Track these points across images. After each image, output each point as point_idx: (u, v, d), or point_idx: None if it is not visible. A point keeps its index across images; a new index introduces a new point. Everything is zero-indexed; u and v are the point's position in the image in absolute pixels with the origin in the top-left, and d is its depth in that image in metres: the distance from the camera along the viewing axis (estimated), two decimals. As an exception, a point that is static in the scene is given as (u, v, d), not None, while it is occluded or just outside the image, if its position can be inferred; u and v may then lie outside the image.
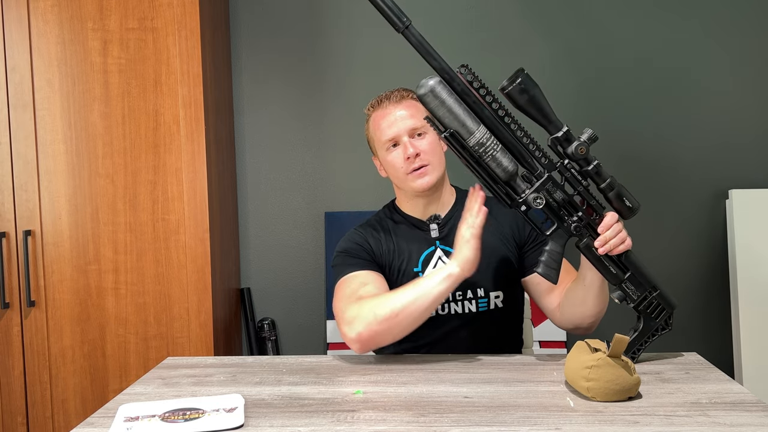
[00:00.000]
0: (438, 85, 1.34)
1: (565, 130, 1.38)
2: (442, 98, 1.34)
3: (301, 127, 2.48)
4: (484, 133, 1.36)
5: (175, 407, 1.23)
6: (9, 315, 2.11)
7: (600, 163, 1.40)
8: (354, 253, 1.64)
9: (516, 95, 1.34)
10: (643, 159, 2.43)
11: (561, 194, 1.41)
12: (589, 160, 1.39)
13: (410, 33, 1.34)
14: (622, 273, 1.45)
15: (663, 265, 2.43)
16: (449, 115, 1.35)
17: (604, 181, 1.41)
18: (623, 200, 1.42)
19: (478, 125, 1.36)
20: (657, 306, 1.47)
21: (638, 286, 1.46)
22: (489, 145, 1.36)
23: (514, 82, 1.33)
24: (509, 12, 2.43)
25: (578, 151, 1.37)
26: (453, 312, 1.63)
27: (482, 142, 1.35)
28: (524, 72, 1.34)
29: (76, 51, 2.08)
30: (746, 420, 1.13)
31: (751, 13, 2.40)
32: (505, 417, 1.16)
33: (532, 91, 1.34)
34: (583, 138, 1.38)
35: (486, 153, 1.36)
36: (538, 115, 1.37)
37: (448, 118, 1.35)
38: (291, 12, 2.46)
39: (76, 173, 2.10)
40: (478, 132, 1.35)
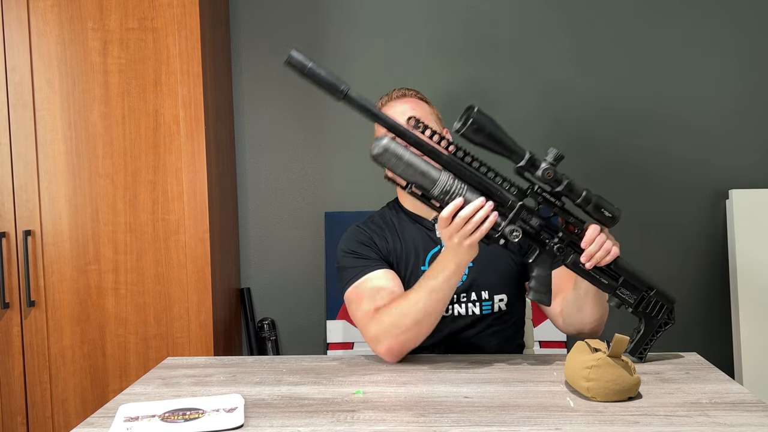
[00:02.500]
0: (391, 143, 1.30)
1: (528, 157, 1.34)
2: (398, 154, 1.30)
3: (301, 127, 2.48)
4: (448, 178, 1.32)
5: (175, 407, 1.23)
6: (9, 315, 2.11)
7: (571, 180, 1.37)
8: (362, 254, 1.62)
9: (471, 135, 1.31)
10: (643, 159, 2.43)
11: (537, 220, 1.39)
12: (559, 180, 1.36)
13: (351, 98, 1.27)
14: (615, 281, 1.45)
15: (663, 265, 2.43)
16: (409, 170, 1.31)
17: (578, 196, 1.38)
18: (602, 211, 1.39)
19: (440, 172, 1.32)
20: (656, 304, 1.47)
21: (633, 290, 1.45)
22: (454, 190, 1.32)
23: (467, 123, 1.30)
24: (509, 12, 2.43)
25: (546, 176, 1.35)
26: (457, 314, 1.63)
27: (447, 189, 1.32)
28: (475, 110, 1.30)
29: (76, 51, 2.08)
30: (746, 420, 1.13)
31: (752, 14, 2.40)
32: (505, 417, 1.16)
33: (487, 128, 1.31)
34: (549, 159, 1.36)
35: (453, 198, 1.33)
36: (498, 148, 1.33)
37: (409, 172, 1.31)
38: (291, 12, 2.46)
39: (76, 173, 2.10)
40: (441, 179, 1.32)
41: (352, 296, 1.59)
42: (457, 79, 2.42)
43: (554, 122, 2.43)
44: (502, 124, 1.34)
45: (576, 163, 2.44)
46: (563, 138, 2.43)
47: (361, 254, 1.62)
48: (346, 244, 1.66)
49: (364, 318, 1.54)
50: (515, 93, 2.43)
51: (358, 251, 1.63)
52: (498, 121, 1.34)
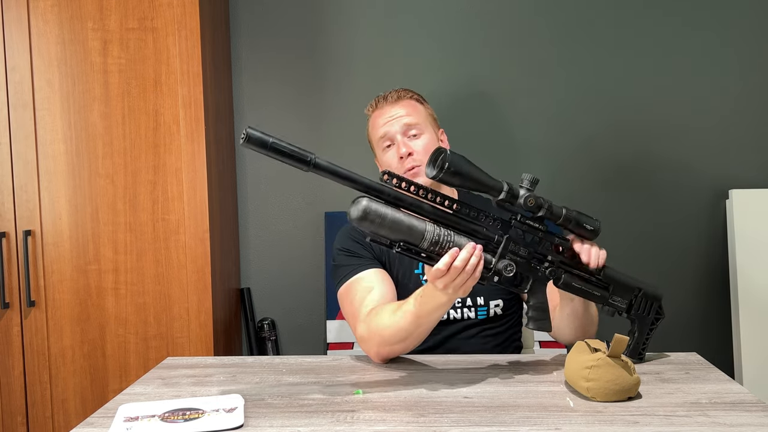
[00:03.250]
0: (370, 204, 1.24)
1: (506, 189, 1.33)
2: (380, 214, 1.23)
3: (301, 127, 2.48)
4: (433, 229, 1.27)
5: (175, 407, 1.23)
6: (9, 315, 2.11)
7: (551, 202, 1.36)
8: (355, 252, 1.63)
9: (449, 179, 1.28)
10: (643, 159, 2.43)
11: (525, 249, 1.37)
12: (540, 206, 1.35)
13: (319, 164, 1.21)
14: (606, 290, 1.45)
15: (663, 266, 2.43)
16: (394, 229, 1.24)
17: (559, 217, 1.38)
18: (584, 226, 1.40)
19: (425, 223, 1.27)
20: (645, 303, 1.48)
21: (624, 295, 1.47)
22: (442, 239, 1.28)
23: (444, 168, 1.27)
24: (509, 12, 2.43)
25: (528, 203, 1.34)
26: (452, 318, 1.63)
27: (436, 240, 1.27)
28: (447, 153, 1.27)
29: (76, 51, 2.08)
30: (746, 420, 1.13)
31: (752, 14, 2.40)
32: (505, 417, 1.16)
33: (462, 169, 1.28)
34: (526, 185, 1.35)
35: (443, 248, 1.28)
36: (476, 187, 1.32)
37: (395, 233, 1.24)
38: (291, 12, 2.46)
39: (76, 173, 2.10)
40: (427, 231, 1.26)
41: (344, 294, 1.60)
42: (458, 79, 2.42)
43: (554, 123, 2.43)
44: (502, 126, 1.34)
45: (576, 164, 2.44)
46: (563, 138, 2.43)
47: (354, 252, 1.63)
48: (340, 242, 1.67)
49: (353, 318, 1.56)
50: (514, 94, 2.42)
51: (351, 249, 1.64)
52: (497, 122, 1.34)
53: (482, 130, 2.41)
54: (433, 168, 1.29)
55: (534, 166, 2.39)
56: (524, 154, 2.42)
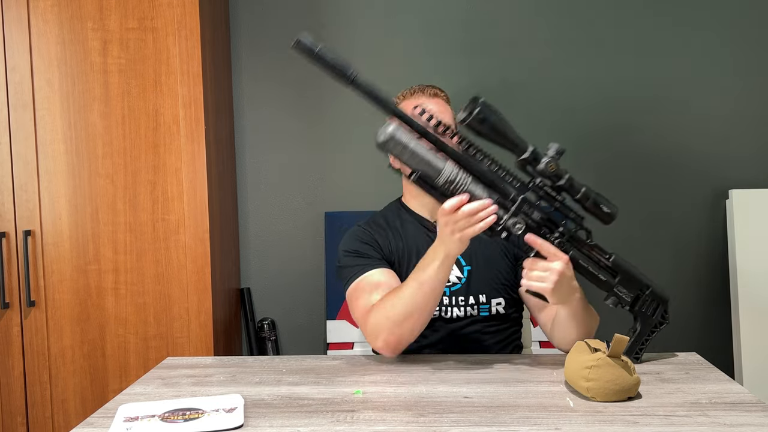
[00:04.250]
0: (397, 130, 1.30)
1: (532, 150, 1.35)
2: (403, 142, 1.30)
3: (301, 127, 2.48)
4: (452, 169, 1.32)
5: (175, 407, 1.23)
6: (9, 315, 2.11)
7: (571, 175, 1.38)
8: (363, 252, 1.63)
9: (476, 125, 1.31)
10: (642, 159, 2.43)
11: (539, 213, 1.38)
12: (560, 175, 1.37)
13: (359, 84, 1.28)
14: (612, 278, 1.45)
15: (663, 265, 2.43)
16: (414, 158, 1.31)
17: (578, 192, 1.38)
18: (600, 207, 1.40)
19: (445, 162, 1.32)
20: (651, 303, 1.47)
21: (630, 288, 1.45)
22: (459, 180, 1.33)
23: (473, 113, 1.30)
24: (510, 11, 2.43)
25: (548, 169, 1.35)
26: (455, 316, 1.64)
27: (451, 180, 1.32)
28: (481, 100, 1.31)
29: (76, 51, 2.08)
30: (746, 420, 1.13)
31: (752, 14, 2.40)
32: (504, 417, 1.16)
33: (491, 119, 1.32)
34: (551, 153, 1.36)
35: (458, 189, 1.33)
36: (501, 140, 1.34)
37: (414, 161, 1.31)
38: (291, 12, 2.46)
39: (76, 173, 2.10)
40: (445, 169, 1.32)
41: (352, 294, 1.59)
42: (458, 79, 2.41)
43: (554, 122, 2.43)
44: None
45: (576, 164, 2.44)
46: (563, 138, 2.42)
47: (363, 253, 1.63)
48: (348, 243, 1.66)
49: (362, 314, 1.55)
50: (514, 94, 2.42)
51: (359, 250, 1.64)
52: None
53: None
54: (464, 112, 1.32)
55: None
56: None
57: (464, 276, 1.64)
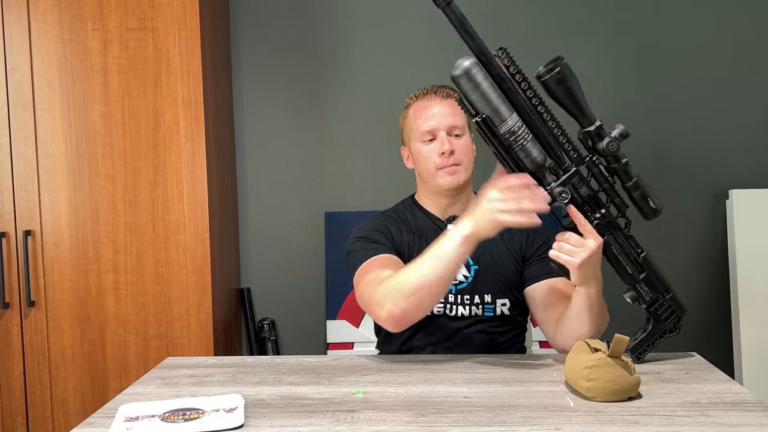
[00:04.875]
0: (474, 67, 1.29)
1: (598, 125, 1.35)
2: (476, 81, 1.29)
3: (302, 127, 2.48)
4: (516, 121, 1.31)
5: (175, 407, 1.23)
6: (9, 315, 2.11)
7: (629, 161, 1.37)
8: (374, 239, 1.62)
9: (552, 84, 1.31)
10: (643, 159, 2.43)
11: (586, 190, 1.37)
12: (618, 158, 1.36)
13: (451, 10, 1.28)
14: (638, 273, 1.44)
15: (663, 265, 2.42)
16: (482, 100, 1.29)
17: (630, 179, 1.38)
18: (648, 200, 1.39)
19: (511, 112, 1.30)
20: (668, 308, 1.46)
21: (652, 288, 1.45)
22: (520, 134, 1.31)
23: (552, 71, 1.30)
24: (511, 11, 2.43)
25: (609, 148, 1.34)
26: (460, 315, 1.64)
27: (513, 131, 1.30)
28: (563, 61, 1.31)
29: (76, 51, 2.08)
30: (746, 420, 1.13)
31: (752, 14, 2.40)
32: (504, 417, 1.16)
33: (569, 82, 1.31)
34: (615, 134, 1.35)
35: (516, 142, 1.31)
36: (572, 106, 1.33)
37: (481, 103, 1.29)
38: (291, 12, 2.46)
39: (76, 173, 2.10)
40: (510, 119, 1.30)
41: (361, 274, 1.56)
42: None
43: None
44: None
45: (576, 163, 2.45)
46: (563, 138, 2.43)
47: (374, 239, 1.62)
48: (359, 231, 1.66)
49: (370, 286, 1.50)
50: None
51: (370, 237, 1.63)
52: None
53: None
54: (544, 68, 1.31)
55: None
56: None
57: (471, 275, 1.65)
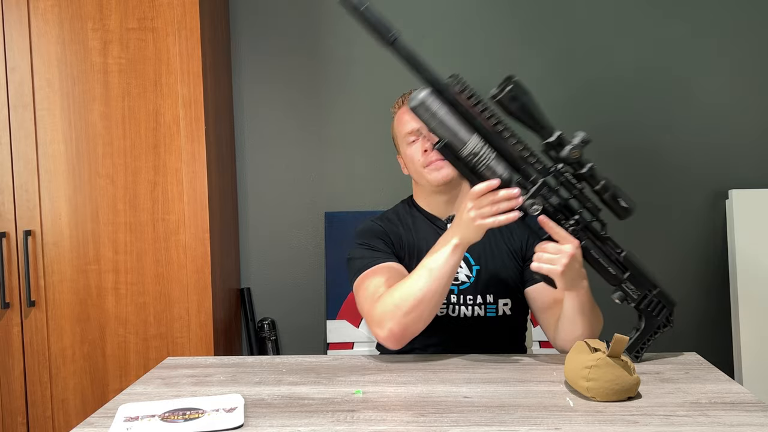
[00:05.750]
0: (429, 97, 1.33)
1: (558, 135, 1.36)
2: (433, 110, 1.33)
3: (302, 127, 2.48)
4: (477, 142, 1.34)
5: (175, 407, 1.23)
6: (9, 315, 2.11)
7: (594, 165, 1.38)
8: (374, 246, 1.63)
9: (507, 103, 1.32)
10: (643, 159, 2.43)
11: (557, 199, 1.39)
12: (582, 163, 1.37)
13: (399, 46, 1.31)
14: (621, 273, 1.44)
15: (663, 265, 2.43)
16: (441, 127, 1.33)
17: (598, 183, 1.38)
18: (618, 201, 1.40)
19: (471, 135, 1.34)
20: (657, 304, 1.47)
21: (638, 286, 1.45)
22: (483, 154, 1.34)
23: (504, 90, 1.32)
24: (510, 11, 2.43)
25: (572, 155, 1.35)
26: (462, 315, 1.64)
27: (475, 152, 1.34)
28: (514, 79, 1.33)
29: (76, 51, 2.08)
30: (746, 420, 1.13)
31: (751, 13, 2.40)
32: (504, 417, 1.16)
33: (522, 98, 1.33)
34: (576, 141, 1.36)
35: (480, 162, 1.34)
36: (529, 121, 1.35)
37: (441, 129, 1.33)
38: (291, 12, 2.46)
39: (76, 173, 2.10)
40: (471, 142, 1.34)
41: (360, 284, 1.58)
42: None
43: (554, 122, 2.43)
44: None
45: (576, 163, 2.45)
46: (563, 138, 2.43)
47: (373, 246, 1.63)
48: (360, 237, 1.67)
49: (368, 304, 1.53)
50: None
51: (370, 243, 1.64)
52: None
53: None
54: (496, 88, 1.33)
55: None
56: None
57: (473, 275, 1.65)
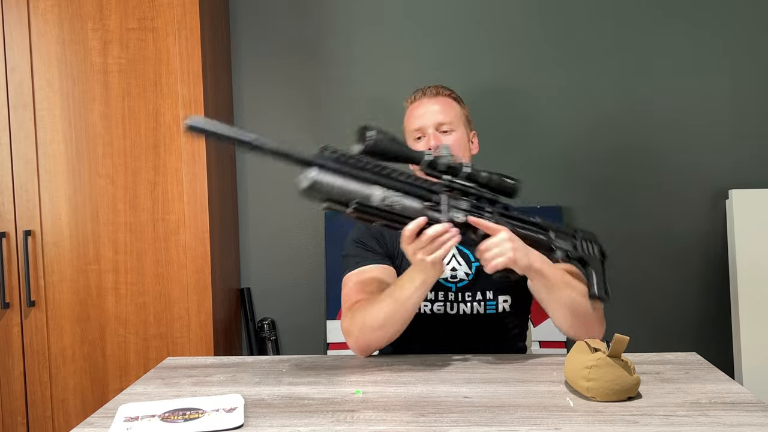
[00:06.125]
0: (316, 175, 1.27)
1: (426, 158, 1.38)
2: (326, 184, 1.27)
3: (301, 127, 2.48)
4: (380, 192, 1.31)
5: (175, 407, 1.23)
6: (9, 315, 2.11)
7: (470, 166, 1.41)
8: (368, 245, 1.66)
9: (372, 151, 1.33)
10: (642, 159, 2.43)
11: (464, 203, 1.41)
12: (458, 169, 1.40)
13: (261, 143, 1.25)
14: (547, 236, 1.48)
15: (663, 265, 2.43)
16: (343, 193, 1.28)
17: (479, 177, 1.42)
18: (504, 185, 1.44)
19: (371, 188, 1.31)
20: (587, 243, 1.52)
21: (564, 239, 1.50)
22: (390, 198, 1.32)
23: (366, 143, 1.32)
24: (510, 12, 2.43)
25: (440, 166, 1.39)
26: (462, 312, 1.64)
27: (384, 197, 1.32)
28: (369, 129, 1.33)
29: (76, 51, 2.08)
30: (746, 420, 1.13)
31: (752, 14, 2.40)
32: (504, 417, 1.16)
33: (382, 144, 1.33)
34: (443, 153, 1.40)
35: (392, 206, 1.32)
36: (399, 157, 1.37)
37: (345, 196, 1.29)
38: (291, 12, 2.46)
39: (76, 173, 2.10)
40: (374, 192, 1.31)
41: (345, 283, 1.63)
42: (458, 80, 2.41)
43: (552, 123, 2.43)
44: (500, 126, 1.34)
45: (575, 164, 2.44)
46: (563, 138, 2.43)
47: (367, 245, 1.66)
48: (357, 233, 1.69)
49: (344, 306, 1.60)
50: (513, 94, 2.42)
51: (365, 242, 1.67)
52: (494, 123, 1.34)
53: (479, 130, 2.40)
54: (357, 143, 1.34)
55: (527, 167, 2.40)
56: (523, 154, 2.42)
57: (472, 272, 1.65)
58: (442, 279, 1.63)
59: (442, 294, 1.65)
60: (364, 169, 1.31)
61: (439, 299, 1.65)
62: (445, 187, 1.40)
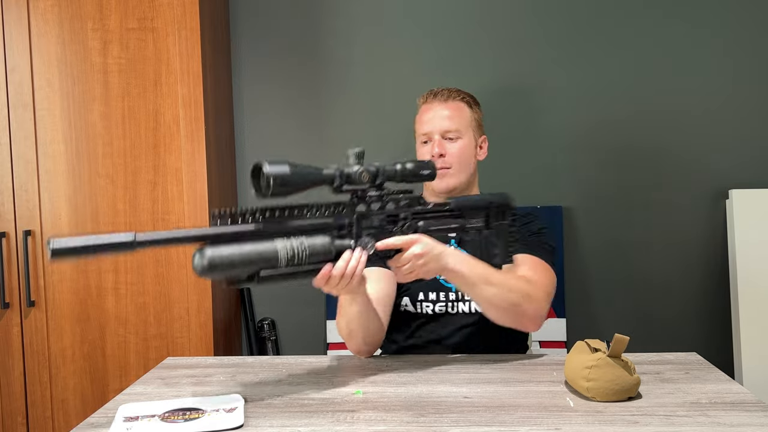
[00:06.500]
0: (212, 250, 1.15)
1: (338, 175, 1.31)
2: (225, 257, 1.15)
3: (301, 127, 2.48)
4: (283, 243, 1.21)
5: (175, 407, 1.23)
6: (9, 315, 2.11)
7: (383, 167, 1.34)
8: None
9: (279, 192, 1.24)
10: (643, 159, 2.43)
11: (376, 218, 1.35)
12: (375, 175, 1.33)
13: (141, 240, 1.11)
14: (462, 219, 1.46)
15: (663, 265, 2.43)
16: (245, 264, 1.17)
17: (395, 176, 1.37)
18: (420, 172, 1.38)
19: (273, 242, 1.20)
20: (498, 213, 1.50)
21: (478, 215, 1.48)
22: (296, 248, 1.22)
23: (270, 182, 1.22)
24: (510, 12, 2.43)
25: (362, 179, 1.31)
26: (461, 311, 1.64)
27: (291, 255, 1.21)
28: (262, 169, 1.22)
29: (76, 51, 2.08)
30: (746, 420, 1.13)
31: (752, 14, 2.40)
32: (504, 417, 1.16)
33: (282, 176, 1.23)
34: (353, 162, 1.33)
35: (303, 259, 1.23)
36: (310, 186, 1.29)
37: (247, 267, 1.18)
38: (291, 12, 2.46)
39: (76, 173, 2.10)
40: (278, 250, 1.20)
41: None
42: (458, 80, 2.41)
43: (552, 123, 2.43)
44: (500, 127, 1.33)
45: (576, 163, 2.44)
46: (563, 138, 2.43)
47: None
48: None
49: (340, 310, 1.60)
50: (513, 94, 2.42)
51: None
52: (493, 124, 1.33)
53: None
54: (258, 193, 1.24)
55: (528, 168, 2.40)
56: (522, 154, 2.42)
57: None
58: (442, 279, 1.63)
59: (443, 294, 1.65)
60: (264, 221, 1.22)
61: (440, 299, 1.65)
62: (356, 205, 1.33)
